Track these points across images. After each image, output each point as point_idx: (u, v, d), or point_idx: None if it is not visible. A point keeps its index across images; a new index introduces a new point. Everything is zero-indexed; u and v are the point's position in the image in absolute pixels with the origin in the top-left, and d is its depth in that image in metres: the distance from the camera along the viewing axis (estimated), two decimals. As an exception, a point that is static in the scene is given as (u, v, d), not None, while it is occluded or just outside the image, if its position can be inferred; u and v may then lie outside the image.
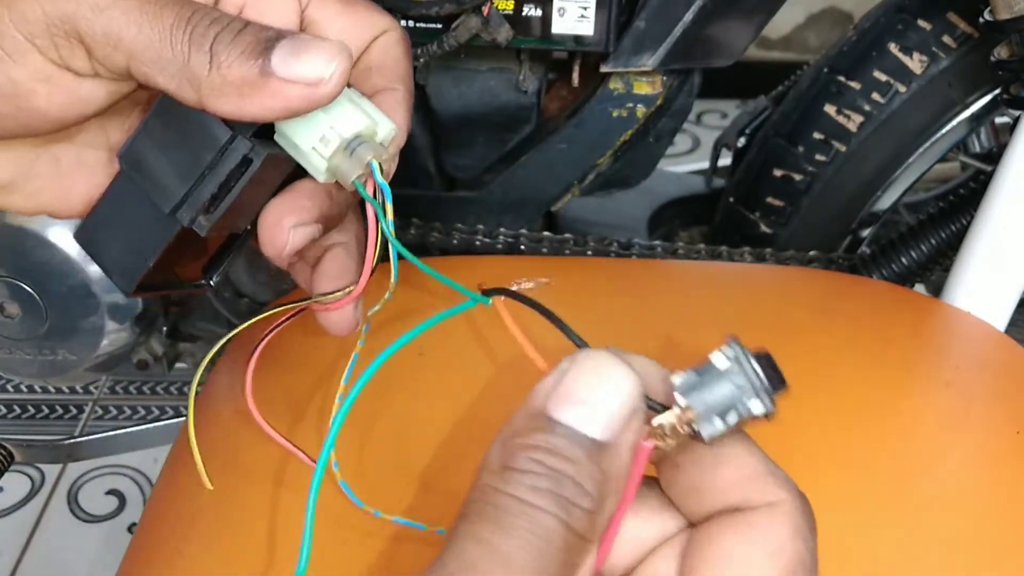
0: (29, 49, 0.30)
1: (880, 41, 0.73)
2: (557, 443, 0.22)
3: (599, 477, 0.22)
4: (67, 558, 1.10)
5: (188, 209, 0.33)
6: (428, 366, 0.50)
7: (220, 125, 0.32)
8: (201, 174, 0.33)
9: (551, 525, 0.21)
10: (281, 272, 0.75)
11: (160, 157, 0.33)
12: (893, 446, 0.46)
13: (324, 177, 0.34)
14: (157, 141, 0.33)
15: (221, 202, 0.33)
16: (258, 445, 0.46)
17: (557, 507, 0.21)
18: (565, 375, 0.23)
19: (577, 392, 0.23)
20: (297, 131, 0.33)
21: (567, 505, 0.21)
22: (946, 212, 0.72)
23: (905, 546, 0.41)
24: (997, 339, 0.56)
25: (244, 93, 0.30)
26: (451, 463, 0.44)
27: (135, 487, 1.18)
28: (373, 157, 0.33)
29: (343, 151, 0.33)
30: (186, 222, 0.34)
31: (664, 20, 0.64)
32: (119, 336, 0.72)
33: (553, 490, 0.22)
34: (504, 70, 0.69)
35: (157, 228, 0.34)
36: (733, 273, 0.64)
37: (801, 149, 0.76)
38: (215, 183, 0.33)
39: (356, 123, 0.33)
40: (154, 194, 0.34)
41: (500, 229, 0.73)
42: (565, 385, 0.23)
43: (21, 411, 1.28)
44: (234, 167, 0.33)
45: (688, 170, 1.32)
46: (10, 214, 0.67)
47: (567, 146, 0.72)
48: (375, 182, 0.33)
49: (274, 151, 0.34)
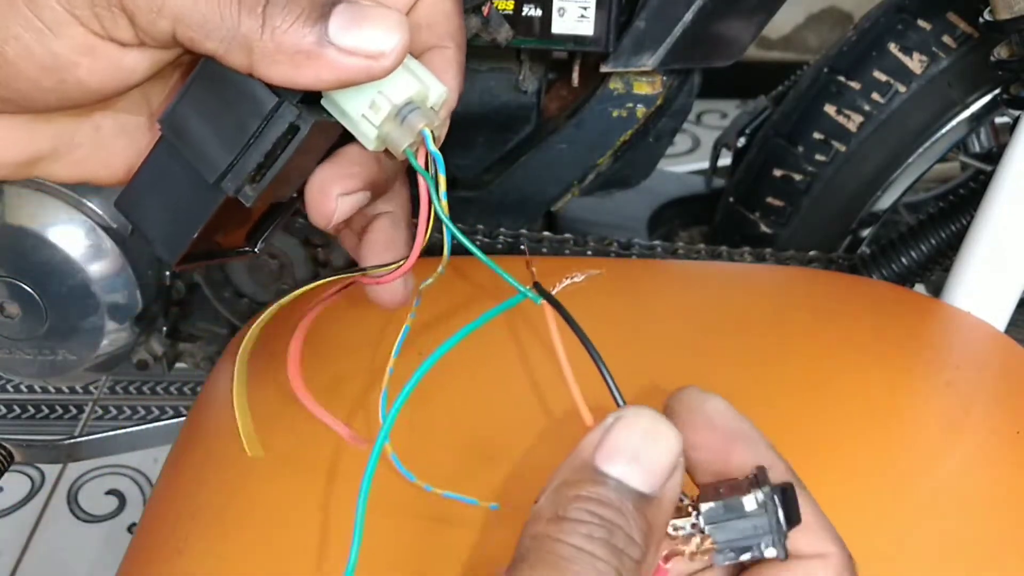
0: (70, 21, 0.28)
1: (880, 41, 0.73)
2: (608, 495, 0.24)
3: (646, 528, 0.24)
4: (67, 558, 1.10)
5: (233, 178, 0.32)
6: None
7: (266, 91, 0.31)
8: (246, 142, 0.31)
9: (605, 571, 0.23)
10: (281, 272, 0.75)
11: (203, 124, 0.32)
12: (893, 446, 0.46)
13: (374, 145, 0.32)
14: (200, 107, 0.32)
15: (267, 171, 0.32)
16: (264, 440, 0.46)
17: (611, 555, 0.23)
18: (611, 430, 0.25)
19: (626, 448, 0.25)
20: (346, 97, 0.32)
21: (619, 554, 0.23)
22: (946, 212, 0.72)
23: (905, 546, 0.41)
24: (997, 339, 0.56)
25: (298, 62, 0.29)
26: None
27: (135, 487, 1.18)
28: (425, 125, 0.32)
29: (394, 118, 0.32)
30: (231, 192, 0.32)
31: (664, 20, 0.64)
32: (119, 336, 0.72)
33: (607, 539, 0.23)
34: (504, 70, 0.69)
35: (201, 197, 0.33)
36: (733, 273, 0.64)
37: (801, 149, 0.76)
38: (261, 152, 0.31)
39: (407, 88, 0.31)
40: (197, 162, 0.32)
41: (500, 229, 0.73)
42: (613, 439, 0.25)
43: (21, 411, 1.28)
44: (281, 135, 0.31)
45: (688, 170, 1.32)
46: (10, 214, 0.67)
47: (567, 146, 0.72)
48: (427, 151, 0.32)
49: (322, 117, 0.32)
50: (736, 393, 0.48)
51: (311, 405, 0.40)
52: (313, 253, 0.75)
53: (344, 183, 0.34)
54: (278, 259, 0.75)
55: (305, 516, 0.41)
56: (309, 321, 0.39)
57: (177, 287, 0.78)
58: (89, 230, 0.67)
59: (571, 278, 0.31)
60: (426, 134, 0.32)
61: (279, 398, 0.49)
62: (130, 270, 0.69)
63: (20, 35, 0.28)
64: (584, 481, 0.24)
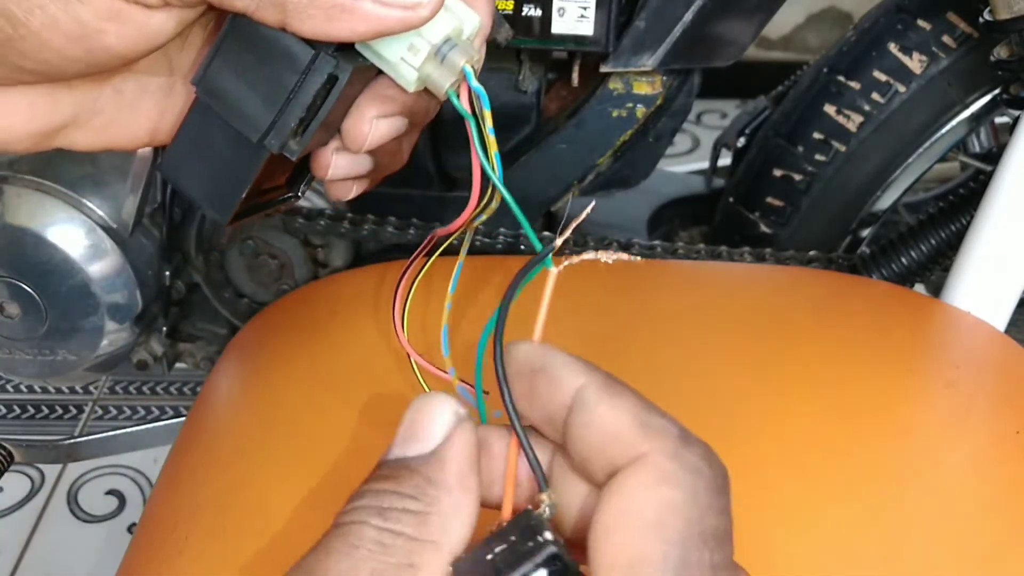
0: None
1: (880, 41, 0.73)
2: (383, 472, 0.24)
3: (421, 481, 0.24)
4: (67, 558, 1.10)
5: (276, 136, 0.31)
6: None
7: (301, 44, 0.30)
8: (286, 98, 0.31)
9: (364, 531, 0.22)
10: (281, 272, 0.75)
11: (239, 83, 0.31)
12: (893, 446, 0.46)
13: (415, 87, 0.32)
14: (233, 65, 0.31)
15: (310, 124, 0.31)
16: (264, 440, 0.46)
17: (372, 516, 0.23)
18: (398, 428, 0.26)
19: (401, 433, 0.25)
20: (383, 41, 0.31)
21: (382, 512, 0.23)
22: (946, 212, 0.72)
23: (905, 546, 0.41)
24: (997, 339, 0.56)
25: (332, 16, 0.28)
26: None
27: (135, 487, 1.18)
28: (466, 62, 0.31)
29: (433, 58, 0.31)
30: (276, 149, 0.32)
31: (664, 20, 0.64)
32: (119, 336, 0.72)
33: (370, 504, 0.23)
34: (504, 70, 0.69)
35: (245, 156, 0.32)
36: (733, 273, 0.64)
37: (801, 149, 0.76)
38: (302, 106, 0.31)
39: (444, 26, 0.30)
40: (238, 123, 0.32)
41: (500, 229, 0.73)
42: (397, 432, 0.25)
43: (21, 411, 1.28)
44: (320, 87, 0.30)
45: (688, 170, 1.32)
46: (10, 214, 0.67)
47: (567, 146, 0.72)
48: (469, 88, 0.31)
49: (359, 63, 0.32)
50: (736, 393, 0.48)
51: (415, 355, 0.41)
52: (313, 253, 0.75)
53: (381, 106, 0.33)
54: (278, 259, 0.75)
55: (306, 516, 0.41)
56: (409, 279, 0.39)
57: (177, 287, 0.78)
58: (89, 230, 0.67)
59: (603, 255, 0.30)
60: (467, 71, 0.31)
61: (279, 398, 0.49)
62: (130, 270, 0.69)
63: (45, 4, 0.27)
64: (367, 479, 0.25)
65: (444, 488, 0.24)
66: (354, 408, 0.47)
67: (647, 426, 0.23)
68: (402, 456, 0.25)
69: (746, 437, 0.45)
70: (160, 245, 0.72)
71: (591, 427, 0.24)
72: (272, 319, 0.59)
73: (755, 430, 0.46)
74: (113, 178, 0.68)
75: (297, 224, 0.72)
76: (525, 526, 0.23)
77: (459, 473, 0.24)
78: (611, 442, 0.23)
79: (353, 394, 0.48)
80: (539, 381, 0.25)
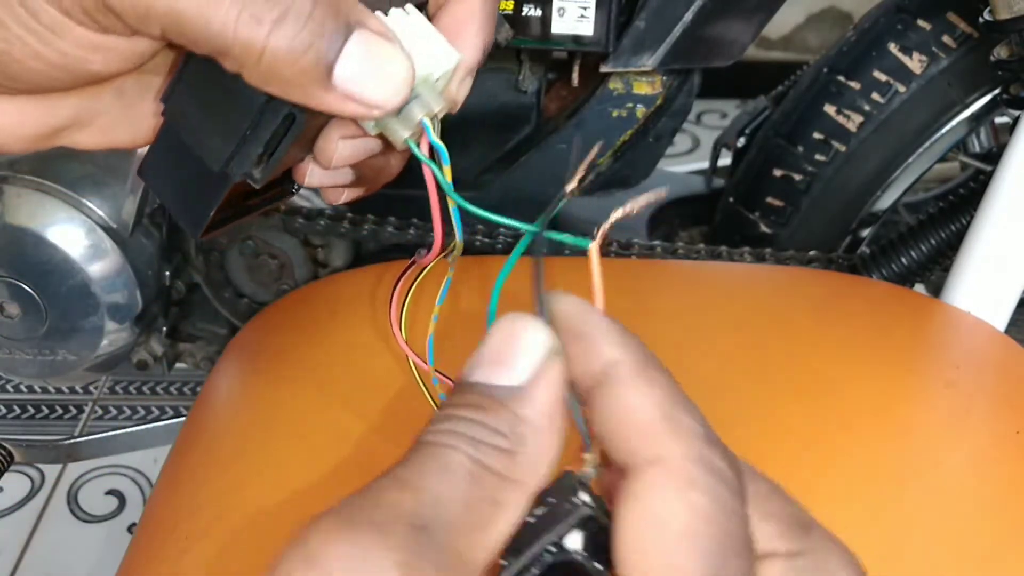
0: (67, 23, 0.27)
1: (880, 41, 0.73)
2: (471, 399, 0.23)
3: (512, 418, 0.23)
4: (67, 558, 1.10)
5: (238, 166, 0.30)
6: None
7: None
8: (245, 134, 0.30)
9: (457, 458, 0.22)
10: (281, 272, 0.75)
11: (201, 110, 0.30)
12: (893, 446, 0.46)
13: (374, 132, 0.31)
14: (196, 94, 0.30)
15: (272, 155, 0.31)
16: (264, 440, 0.46)
17: (464, 443, 0.22)
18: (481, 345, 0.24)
19: (487, 354, 0.24)
20: None
21: (475, 443, 0.22)
22: (946, 212, 0.72)
23: (905, 546, 0.41)
24: (997, 339, 0.56)
25: (291, 92, 0.27)
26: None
27: (135, 487, 1.18)
28: (426, 115, 0.30)
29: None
30: (238, 177, 0.31)
31: (664, 20, 0.64)
32: (119, 336, 0.72)
33: (463, 431, 0.22)
34: (504, 70, 0.69)
35: (213, 178, 0.31)
36: (733, 273, 0.64)
37: (801, 149, 0.76)
38: (261, 141, 0.30)
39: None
40: (199, 150, 0.31)
41: (500, 229, 0.73)
42: (478, 353, 0.24)
43: (21, 411, 1.28)
44: (278, 125, 0.30)
45: (688, 170, 1.32)
46: (10, 214, 0.67)
47: (567, 146, 0.72)
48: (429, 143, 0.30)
49: None
50: (735, 393, 0.48)
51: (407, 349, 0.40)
52: (313, 253, 0.75)
53: (346, 129, 0.32)
54: (278, 259, 0.75)
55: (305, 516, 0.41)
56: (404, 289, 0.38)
57: (177, 287, 0.78)
58: (89, 230, 0.67)
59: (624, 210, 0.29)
60: (426, 125, 0.30)
61: (279, 398, 0.49)
62: (130, 270, 0.69)
63: (23, 37, 0.27)
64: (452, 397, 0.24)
65: (532, 428, 0.23)
66: (354, 408, 0.47)
67: (673, 422, 0.22)
68: (486, 383, 0.23)
69: (746, 437, 0.45)
70: (160, 245, 0.73)
71: (615, 410, 0.23)
72: (272, 319, 0.59)
73: (755, 430, 0.46)
74: (113, 178, 0.68)
75: (297, 224, 0.72)
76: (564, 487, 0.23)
77: (549, 414, 0.23)
78: (634, 433, 0.22)
79: (353, 394, 0.48)
80: (573, 342, 0.24)
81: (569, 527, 0.22)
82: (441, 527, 0.21)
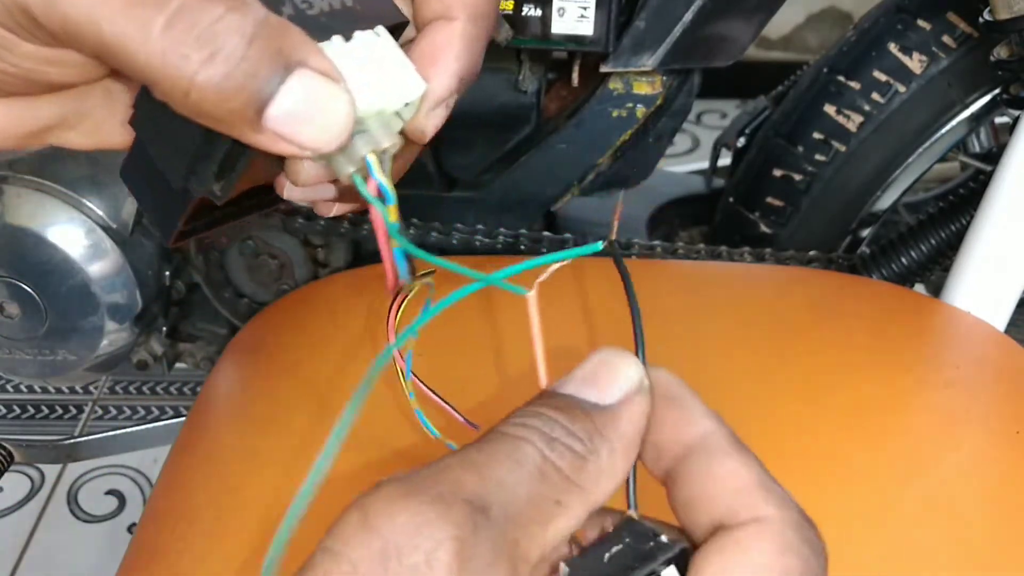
0: (15, 40, 0.26)
1: (880, 41, 0.73)
2: (556, 402, 0.24)
3: (591, 428, 0.23)
4: (67, 558, 1.10)
5: (197, 183, 0.30)
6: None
7: None
8: (196, 153, 0.29)
9: (529, 451, 0.22)
10: (281, 272, 0.75)
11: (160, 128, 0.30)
12: (893, 446, 0.46)
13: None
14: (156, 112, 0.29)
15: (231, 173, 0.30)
16: (264, 440, 0.46)
17: (539, 439, 0.23)
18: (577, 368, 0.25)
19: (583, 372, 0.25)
20: None
21: (550, 440, 0.23)
22: (946, 212, 0.72)
23: (905, 546, 0.41)
24: (997, 339, 0.56)
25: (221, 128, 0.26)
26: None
27: (135, 487, 1.18)
28: (372, 151, 0.28)
29: None
30: (199, 194, 0.30)
31: (664, 20, 0.64)
32: (119, 336, 0.72)
33: (540, 428, 0.23)
34: (504, 70, 0.69)
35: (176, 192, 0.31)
36: (733, 273, 0.64)
37: (801, 149, 0.76)
38: (214, 162, 0.29)
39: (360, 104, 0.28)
40: (161, 164, 0.30)
41: (500, 229, 0.73)
42: (571, 373, 0.25)
43: (21, 411, 1.28)
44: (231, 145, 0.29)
45: (688, 170, 1.32)
46: (10, 214, 0.67)
47: (567, 146, 0.72)
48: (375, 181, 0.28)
49: None
50: (736, 393, 0.48)
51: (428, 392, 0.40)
52: (313, 253, 0.75)
53: None
54: (278, 259, 0.75)
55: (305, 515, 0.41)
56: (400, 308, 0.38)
57: (177, 287, 0.78)
58: (89, 230, 0.67)
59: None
60: (369, 163, 0.28)
61: (279, 398, 0.49)
62: (130, 270, 0.69)
63: None
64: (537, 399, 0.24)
65: (608, 443, 0.24)
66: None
67: (771, 491, 0.24)
68: (575, 396, 0.24)
69: (745, 437, 0.45)
70: (160, 245, 0.73)
71: (713, 476, 0.24)
72: (272, 319, 0.59)
73: (755, 430, 0.46)
74: (113, 178, 0.68)
75: (297, 224, 0.72)
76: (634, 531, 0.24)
77: (627, 436, 0.24)
78: (732, 496, 0.23)
79: (353, 394, 0.48)
80: (668, 409, 0.25)
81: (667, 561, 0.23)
82: (502, 513, 0.21)
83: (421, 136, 0.31)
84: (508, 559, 0.21)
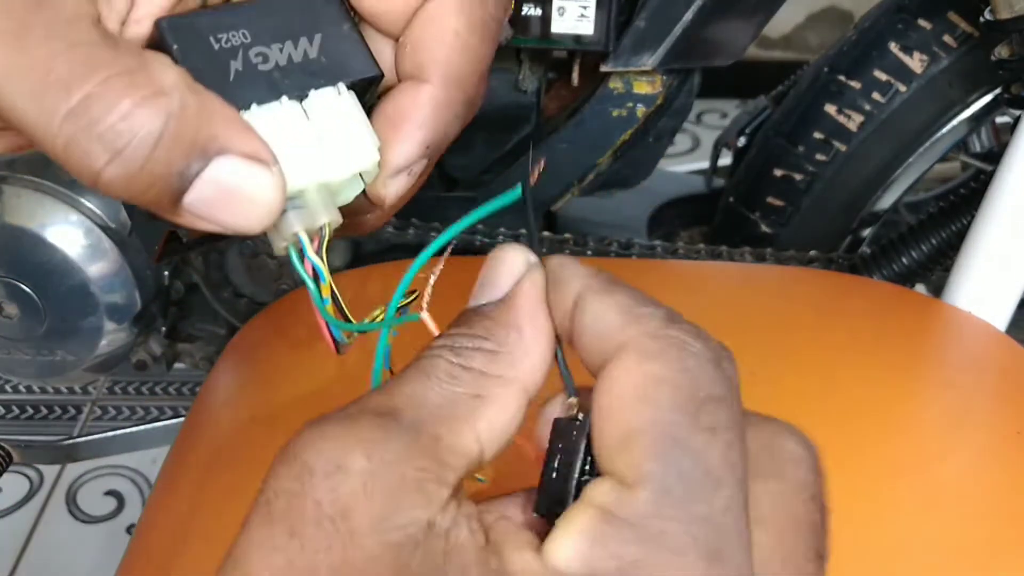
0: None
1: (880, 40, 0.73)
2: (457, 320, 0.25)
3: (491, 324, 0.24)
4: (66, 559, 1.10)
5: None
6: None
7: None
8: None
9: (437, 363, 0.23)
10: (281, 272, 0.75)
11: None
12: (893, 446, 0.46)
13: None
14: None
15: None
16: (264, 440, 0.46)
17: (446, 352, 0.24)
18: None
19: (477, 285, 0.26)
20: None
21: (454, 349, 0.24)
22: (946, 212, 0.72)
23: (905, 545, 0.41)
24: (998, 339, 0.56)
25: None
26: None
27: (134, 488, 1.18)
28: (305, 228, 0.26)
29: None
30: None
31: (664, 20, 0.64)
32: (118, 336, 0.71)
33: (445, 343, 0.24)
34: (504, 70, 0.69)
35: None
36: (733, 273, 0.64)
37: (801, 149, 0.76)
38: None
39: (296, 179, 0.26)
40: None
41: (500, 229, 0.73)
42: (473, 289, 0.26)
43: (20, 411, 1.28)
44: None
45: (688, 170, 1.32)
46: (9, 214, 0.66)
47: (567, 146, 0.72)
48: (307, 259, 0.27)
49: None
50: (736, 393, 0.48)
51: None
52: (312, 253, 0.75)
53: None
54: (278, 259, 0.75)
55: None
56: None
57: (176, 287, 0.78)
58: (87, 230, 0.67)
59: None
60: (302, 241, 0.27)
61: (279, 398, 0.49)
62: (129, 270, 0.69)
63: None
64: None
65: (513, 328, 0.24)
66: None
67: (631, 314, 0.23)
68: (474, 304, 0.25)
69: (746, 437, 0.45)
70: (159, 245, 0.72)
71: (585, 326, 0.24)
72: (272, 319, 0.58)
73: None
74: (112, 178, 0.68)
75: (296, 224, 0.72)
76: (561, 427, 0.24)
77: (528, 313, 0.25)
78: (600, 338, 0.23)
79: (352, 394, 0.48)
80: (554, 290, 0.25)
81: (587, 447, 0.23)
82: (414, 415, 0.22)
83: (381, 203, 0.30)
84: (428, 453, 0.22)
